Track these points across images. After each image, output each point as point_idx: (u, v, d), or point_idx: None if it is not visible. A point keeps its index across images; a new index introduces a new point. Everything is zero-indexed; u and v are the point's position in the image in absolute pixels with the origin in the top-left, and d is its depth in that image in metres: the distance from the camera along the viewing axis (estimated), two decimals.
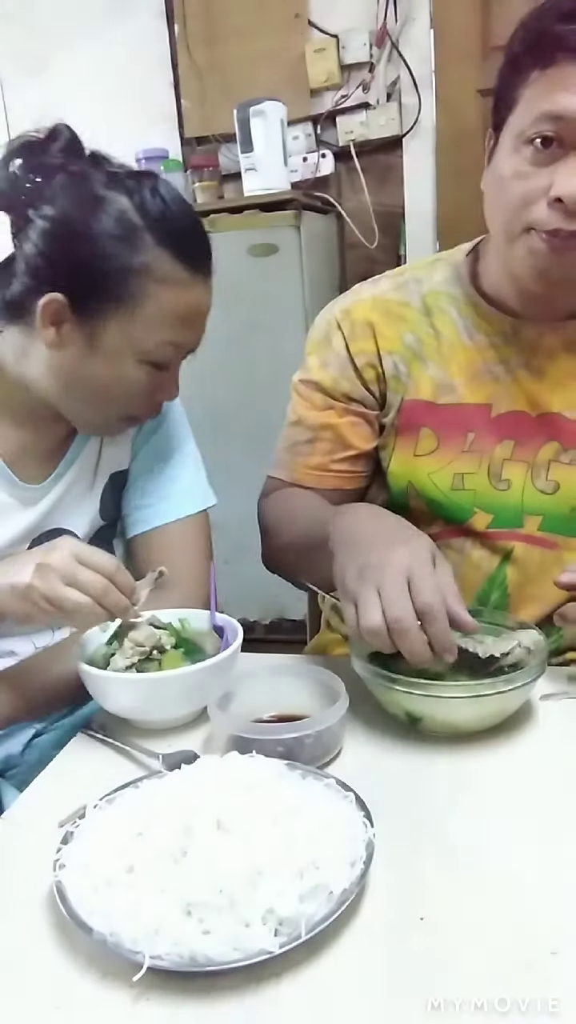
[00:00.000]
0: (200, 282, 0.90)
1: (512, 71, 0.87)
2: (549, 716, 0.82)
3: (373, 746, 0.79)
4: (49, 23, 2.67)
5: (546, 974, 0.52)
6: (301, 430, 1.08)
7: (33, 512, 0.98)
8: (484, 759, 0.76)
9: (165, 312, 0.87)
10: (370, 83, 2.45)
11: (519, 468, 1.00)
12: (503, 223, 0.90)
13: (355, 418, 1.06)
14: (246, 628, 0.89)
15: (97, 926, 0.54)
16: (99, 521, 1.05)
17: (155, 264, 0.86)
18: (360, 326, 1.04)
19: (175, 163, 2.56)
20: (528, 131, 0.84)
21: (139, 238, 0.85)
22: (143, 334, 0.87)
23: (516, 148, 0.86)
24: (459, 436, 1.01)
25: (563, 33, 0.81)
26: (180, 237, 0.88)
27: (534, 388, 0.99)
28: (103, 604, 0.78)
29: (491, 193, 0.92)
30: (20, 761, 1.02)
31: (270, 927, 0.53)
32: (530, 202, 0.85)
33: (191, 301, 0.89)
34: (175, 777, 0.67)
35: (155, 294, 0.86)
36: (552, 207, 0.84)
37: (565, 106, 0.81)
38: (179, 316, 0.88)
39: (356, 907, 0.58)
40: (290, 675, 0.85)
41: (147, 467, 1.05)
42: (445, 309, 1.02)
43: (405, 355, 1.03)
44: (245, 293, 2.22)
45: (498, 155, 0.89)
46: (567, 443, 0.98)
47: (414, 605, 0.72)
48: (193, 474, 1.07)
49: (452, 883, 0.61)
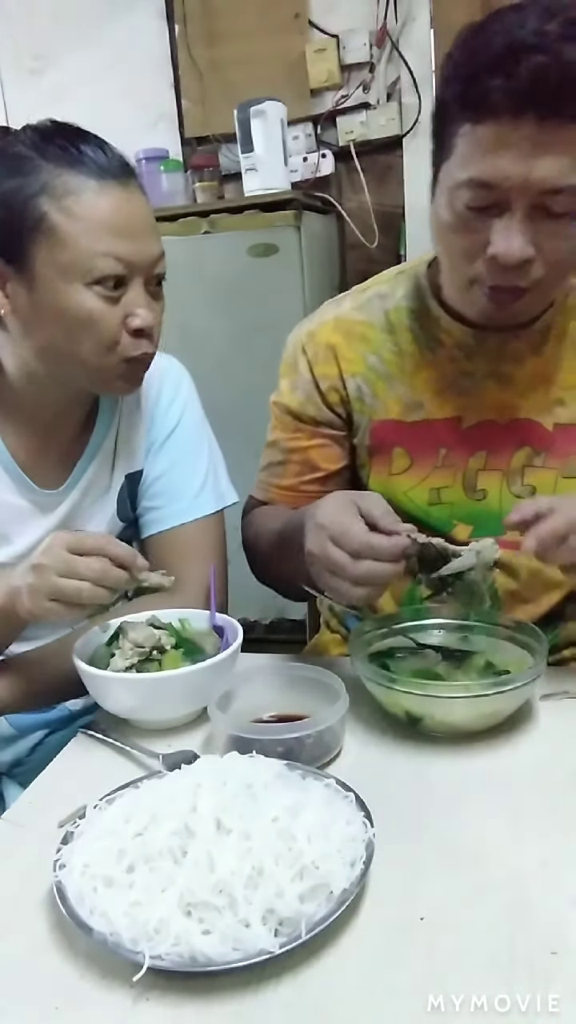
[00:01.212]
0: (112, 185, 0.85)
1: (444, 116, 0.84)
2: (549, 716, 0.82)
3: (373, 746, 0.79)
4: (49, 23, 2.67)
5: (546, 974, 0.52)
6: (275, 451, 1.10)
7: (53, 517, 0.98)
8: (484, 759, 0.76)
9: (84, 224, 0.83)
10: (370, 83, 2.44)
11: (494, 477, 1.00)
12: (449, 269, 0.92)
13: (323, 440, 1.06)
14: (246, 628, 0.89)
15: (97, 926, 0.54)
16: (117, 522, 1.05)
17: (54, 181, 0.83)
18: (323, 349, 1.05)
19: (175, 163, 2.56)
20: (459, 190, 0.82)
21: (33, 165, 0.84)
22: (73, 254, 0.84)
23: (451, 202, 0.84)
24: (431, 452, 1.01)
25: (490, 88, 0.76)
26: (71, 148, 0.85)
27: (501, 396, 0.99)
28: (104, 584, 0.78)
29: (435, 233, 0.91)
30: (26, 760, 1.03)
31: (270, 927, 0.53)
32: (471, 256, 0.85)
33: (108, 206, 0.84)
34: (175, 777, 0.67)
35: (67, 209, 0.83)
36: (489, 262, 0.83)
37: (495, 173, 0.79)
38: (101, 224, 0.84)
39: (356, 907, 0.58)
40: (290, 675, 0.85)
41: (161, 469, 1.05)
42: (408, 325, 1.02)
43: (369, 377, 1.03)
44: (245, 293, 2.22)
45: (437, 198, 0.88)
46: (538, 446, 0.99)
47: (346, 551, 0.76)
48: (208, 476, 1.06)
49: (452, 883, 0.61)
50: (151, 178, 2.49)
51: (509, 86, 0.76)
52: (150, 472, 1.05)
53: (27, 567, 0.80)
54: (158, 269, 0.89)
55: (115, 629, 0.88)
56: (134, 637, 0.85)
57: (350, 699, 0.78)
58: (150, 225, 0.88)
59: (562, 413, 0.98)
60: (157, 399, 1.05)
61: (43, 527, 0.98)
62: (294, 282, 2.19)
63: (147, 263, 0.87)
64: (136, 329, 0.87)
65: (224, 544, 1.07)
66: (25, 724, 1.03)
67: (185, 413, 1.07)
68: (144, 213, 0.88)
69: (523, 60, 0.74)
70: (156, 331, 0.91)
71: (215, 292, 2.24)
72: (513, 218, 0.80)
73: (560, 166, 0.77)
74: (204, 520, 1.04)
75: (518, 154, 0.77)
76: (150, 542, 1.05)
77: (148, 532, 1.05)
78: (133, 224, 0.86)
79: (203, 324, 2.21)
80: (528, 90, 0.75)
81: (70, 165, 0.84)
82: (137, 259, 0.86)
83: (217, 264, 2.23)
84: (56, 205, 0.83)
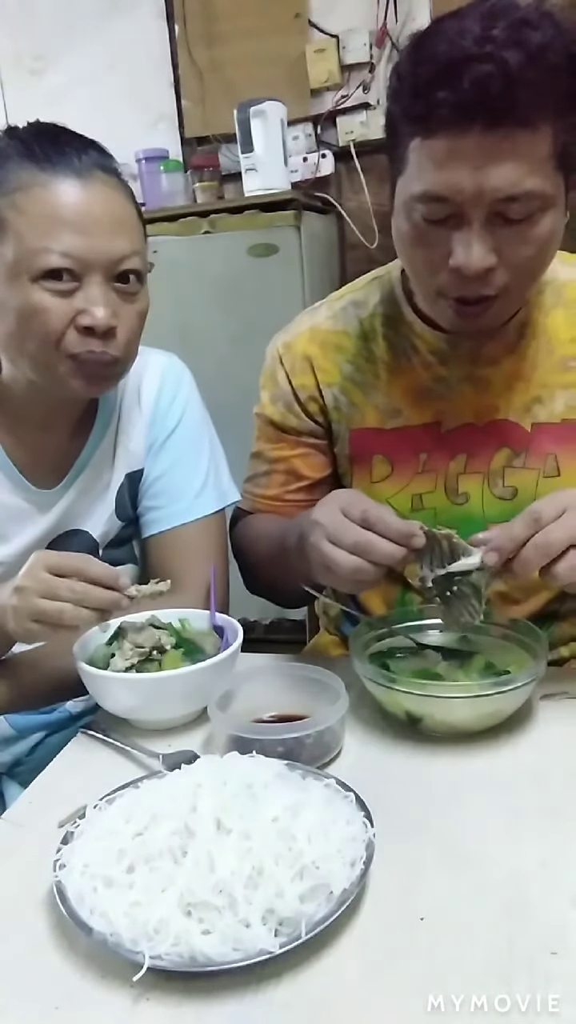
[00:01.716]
0: (66, 181, 0.83)
1: (394, 130, 0.84)
2: (549, 716, 0.82)
3: (373, 746, 0.79)
4: (49, 23, 2.67)
5: (546, 974, 0.52)
6: (259, 462, 1.10)
7: (49, 516, 0.98)
8: (484, 759, 0.76)
9: (28, 219, 0.82)
10: (370, 83, 2.44)
11: (475, 480, 1.00)
12: (416, 283, 0.91)
13: (306, 449, 1.06)
14: (246, 628, 0.89)
15: (97, 926, 0.54)
16: (116, 522, 1.04)
17: (12, 177, 0.83)
18: (300, 360, 1.05)
19: (175, 163, 2.56)
20: (415, 205, 0.81)
21: (2, 160, 0.84)
22: (17, 250, 0.83)
23: (408, 215, 0.83)
24: (412, 458, 1.01)
25: (436, 102, 0.75)
26: (33, 145, 0.84)
27: (479, 399, 0.98)
28: (86, 605, 0.78)
29: (398, 246, 0.90)
30: (26, 760, 1.03)
31: (270, 927, 0.53)
32: (434, 269, 0.85)
33: (56, 200, 0.82)
34: (175, 777, 0.67)
35: (15, 205, 0.83)
36: (452, 274, 0.83)
37: (448, 186, 0.78)
38: (47, 218, 0.82)
39: (356, 907, 0.58)
40: (290, 675, 0.85)
41: (162, 468, 1.05)
42: (382, 332, 1.02)
43: (345, 386, 1.03)
44: (245, 293, 2.22)
45: (396, 212, 0.87)
46: (517, 447, 0.98)
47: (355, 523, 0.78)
48: (209, 475, 1.06)
49: (452, 883, 0.61)
50: (151, 178, 2.50)
51: (454, 99, 0.74)
52: (151, 471, 1.05)
53: (11, 588, 0.80)
54: (123, 267, 0.86)
55: (115, 629, 0.88)
56: (134, 637, 0.85)
57: (350, 699, 0.78)
58: (113, 222, 0.85)
59: (540, 412, 0.98)
60: (157, 397, 1.05)
61: (40, 526, 0.98)
62: (294, 282, 2.19)
63: (104, 261, 0.84)
64: (85, 327, 0.84)
65: (225, 543, 1.07)
66: (25, 725, 1.03)
67: (186, 412, 1.06)
68: (107, 210, 0.84)
69: (465, 72, 0.73)
70: (125, 332, 0.88)
71: (215, 292, 2.24)
72: (471, 229, 0.79)
73: (512, 174, 0.76)
74: (205, 520, 1.04)
75: (469, 165, 0.76)
76: (151, 542, 1.05)
77: (149, 532, 1.05)
78: (87, 220, 0.83)
79: (203, 324, 2.21)
80: (473, 101, 0.74)
81: (27, 161, 0.83)
82: (91, 256, 0.83)
83: (217, 264, 2.23)
84: (6, 201, 0.83)
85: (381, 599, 1.08)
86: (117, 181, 0.87)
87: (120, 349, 0.88)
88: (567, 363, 0.97)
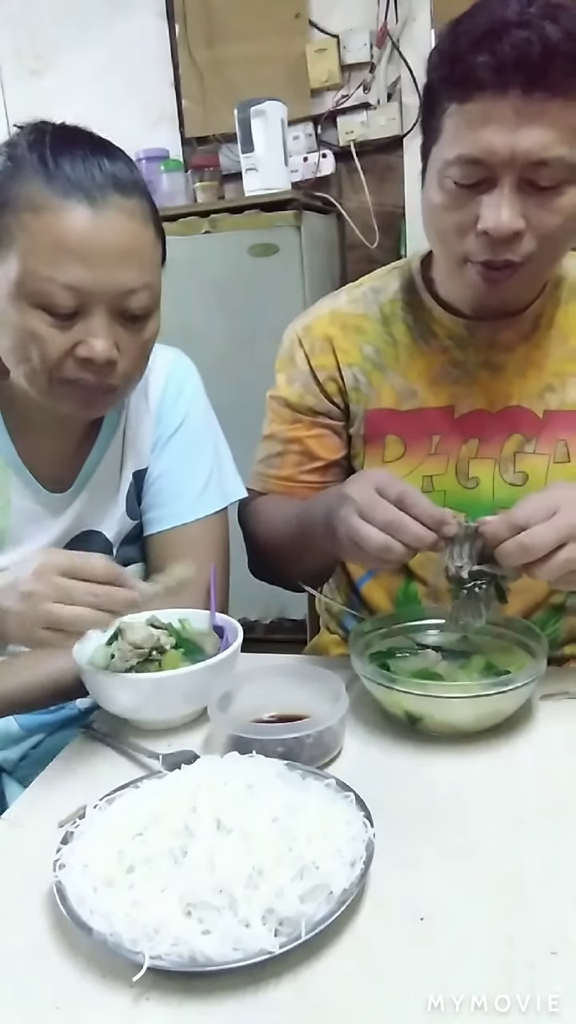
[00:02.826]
0: (79, 205, 0.78)
1: (432, 100, 0.87)
2: (549, 716, 0.82)
3: (373, 746, 0.79)
4: (49, 23, 2.67)
5: (546, 974, 0.52)
6: (272, 443, 1.11)
7: (63, 520, 0.98)
8: (484, 759, 0.76)
9: (37, 244, 0.78)
10: (371, 83, 2.45)
11: (486, 465, 1.01)
12: (441, 252, 0.93)
13: (322, 430, 1.08)
14: (246, 628, 0.89)
15: (97, 926, 0.54)
16: (128, 521, 1.04)
17: (24, 193, 0.78)
18: (320, 341, 1.06)
19: (175, 163, 2.56)
20: (449, 169, 0.84)
21: (18, 171, 0.80)
22: (20, 274, 0.78)
23: (440, 182, 0.86)
24: (424, 440, 1.02)
25: (475, 65, 0.79)
26: (50, 159, 0.79)
27: (492, 385, 1.00)
28: (106, 608, 0.74)
29: (426, 221, 0.93)
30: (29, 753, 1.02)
31: (270, 927, 0.53)
32: (462, 233, 0.86)
33: (66, 228, 0.77)
34: (175, 777, 0.67)
35: (26, 226, 0.78)
36: (480, 238, 0.85)
37: (482, 147, 0.80)
38: (55, 247, 0.77)
39: (356, 907, 0.58)
40: (290, 675, 0.85)
41: (165, 466, 1.04)
42: (401, 317, 1.04)
43: (364, 367, 1.04)
44: (245, 293, 2.22)
45: (427, 183, 0.90)
46: (529, 433, 1.00)
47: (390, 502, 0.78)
48: (212, 474, 1.06)
49: (452, 883, 0.61)
50: (151, 178, 2.49)
51: (494, 62, 0.78)
52: (154, 469, 1.05)
53: (15, 593, 0.73)
54: (132, 303, 0.81)
55: (115, 629, 0.87)
56: (134, 637, 0.85)
57: (350, 699, 0.78)
58: (122, 253, 0.79)
59: (552, 399, 1.00)
60: (163, 393, 1.04)
61: (55, 530, 0.97)
62: (294, 282, 2.20)
63: (110, 294, 0.79)
64: (84, 358, 0.80)
65: (227, 543, 1.07)
66: (33, 724, 1.02)
67: (191, 408, 1.06)
68: (118, 239, 0.79)
69: (506, 36, 0.77)
70: (127, 363, 0.84)
71: (215, 292, 2.24)
72: (502, 192, 0.82)
73: (545, 138, 0.79)
74: (207, 519, 1.04)
75: (504, 127, 0.79)
76: (152, 541, 1.05)
77: (150, 531, 1.05)
78: (95, 250, 0.78)
79: (203, 324, 2.21)
80: (512, 64, 0.77)
81: (41, 178, 0.78)
82: (96, 289, 0.78)
83: (217, 264, 2.23)
84: (17, 219, 0.79)
85: (384, 591, 1.08)
86: (135, 203, 0.82)
87: (120, 379, 0.85)
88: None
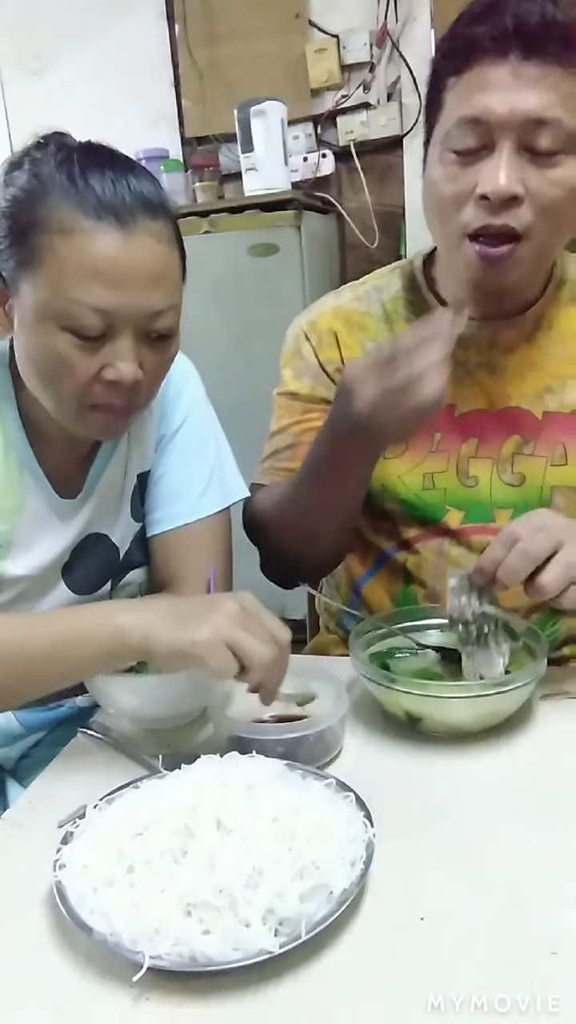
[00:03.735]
0: (108, 227, 0.78)
1: (435, 79, 0.89)
2: (549, 716, 0.82)
3: (373, 746, 0.80)
4: (49, 23, 2.67)
5: (546, 974, 0.52)
6: (283, 437, 1.10)
7: (73, 526, 0.97)
8: (484, 759, 0.76)
9: (67, 267, 0.77)
10: (371, 83, 2.44)
11: (485, 464, 1.01)
12: (440, 230, 0.93)
13: None
14: None
15: (97, 926, 0.54)
16: (133, 524, 1.04)
17: (55, 215, 0.78)
18: (325, 335, 1.07)
19: (175, 163, 2.56)
20: (450, 137, 0.85)
21: (42, 191, 0.79)
22: (49, 296, 0.78)
23: (442, 155, 0.87)
24: (426, 437, 1.02)
25: (475, 36, 0.82)
26: (79, 179, 0.78)
27: (492, 385, 1.01)
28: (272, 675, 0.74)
29: (426, 201, 0.93)
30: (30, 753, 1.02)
31: (270, 927, 0.53)
32: (460, 203, 0.87)
33: (97, 253, 0.77)
34: (175, 777, 0.67)
35: (56, 248, 0.77)
36: (478, 204, 0.85)
37: (482, 108, 0.82)
38: (85, 270, 0.77)
39: (356, 907, 0.58)
40: (290, 675, 0.84)
41: (166, 467, 1.04)
42: (403, 315, 1.05)
43: None
44: (245, 293, 2.22)
45: (429, 163, 0.91)
46: (528, 435, 1.00)
47: None
48: (213, 475, 1.05)
49: (452, 883, 0.61)
50: None
51: (494, 31, 0.81)
52: (156, 470, 1.05)
53: (202, 604, 0.76)
54: (158, 324, 0.82)
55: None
56: None
57: (350, 699, 0.78)
58: (151, 276, 0.80)
59: (551, 401, 1.00)
60: (164, 392, 1.04)
61: (66, 536, 0.96)
62: (294, 282, 2.20)
63: (137, 316, 0.79)
64: (110, 380, 0.81)
65: (229, 543, 1.07)
66: (33, 722, 1.02)
67: (192, 408, 1.05)
68: (146, 263, 0.79)
69: (508, 7, 0.81)
70: (150, 380, 0.85)
71: (215, 292, 2.24)
72: (500, 155, 0.83)
73: (543, 98, 0.81)
74: (209, 519, 1.04)
75: (502, 88, 0.82)
76: (154, 542, 1.05)
77: (153, 532, 1.05)
78: (125, 274, 0.78)
79: (203, 324, 2.21)
80: (511, 31, 0.80)
81: (71, 199, 0.78)
82: (124, 311, 0.79)
83: (217, 264, 2.22)
84: (47, 241, 0.78)
85: (384, 591, 1.08)
86: (162, 224, 0.82)
87: (142, 397, 0.86)
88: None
